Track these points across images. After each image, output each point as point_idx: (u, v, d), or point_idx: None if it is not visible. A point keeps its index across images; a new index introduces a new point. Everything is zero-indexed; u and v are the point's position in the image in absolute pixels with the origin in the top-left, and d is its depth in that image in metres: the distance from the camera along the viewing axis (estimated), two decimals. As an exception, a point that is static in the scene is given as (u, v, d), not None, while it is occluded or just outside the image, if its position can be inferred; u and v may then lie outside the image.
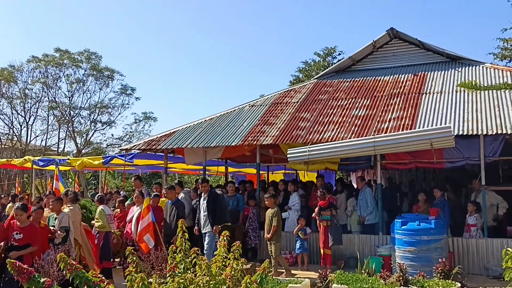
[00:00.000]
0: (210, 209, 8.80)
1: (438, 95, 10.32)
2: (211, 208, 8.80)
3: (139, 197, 8.77)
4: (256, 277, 3.74)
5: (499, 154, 8.76)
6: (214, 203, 8.86)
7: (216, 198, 8.98)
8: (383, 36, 12.44)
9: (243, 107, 12.31)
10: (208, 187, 9.13)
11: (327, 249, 9.07)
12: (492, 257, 8.46)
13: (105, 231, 8.56)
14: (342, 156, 9.39)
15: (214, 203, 8.85)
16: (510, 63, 19.71)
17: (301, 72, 29.94)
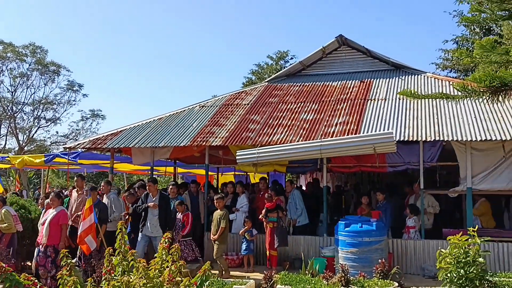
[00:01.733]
0: (162, 213, 8.55)
1: (382, 101, 10.71)
2: (162, 211, 8.55)
3: (55, 200, 8.14)
4: (196, 279, 3.73)
5: (436, 160, 9.19)
6: (167, 207, 8.65)
7: (168, 201, 8.79)
8: (332, 42, 12.77)
9: (193, 107, 12.23)
10: (155, 188, 8.83)
11: (273, 251, 9.17)
12: (428, 258, 8.86)
13: (11, 232, 8.41)
14: (290, 158, 9.53)
15: (166, 207, 8.63)
16: (450, 73, 20.77)
17: (254, 74, 30.13)
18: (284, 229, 9.27)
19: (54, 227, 7.85)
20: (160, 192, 8.83)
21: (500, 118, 8.97)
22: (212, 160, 11.91)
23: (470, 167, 8.84)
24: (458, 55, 8.71)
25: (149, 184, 8.89)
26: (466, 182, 8.87)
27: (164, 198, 8.71)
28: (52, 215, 7.98)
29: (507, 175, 8.65)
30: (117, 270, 3.73)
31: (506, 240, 8.60)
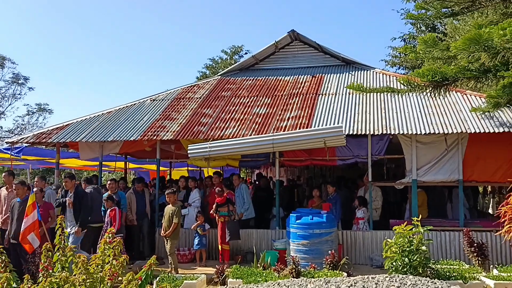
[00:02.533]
0: (76, 209, 8.24)
1: (333, 96, 10.89)
2: (77, 207, 8.24)
3: None
4: (141, 274, 3.64)
5: (384, 153, 9.47)
6: (80, 202, 8.31)
7: (83, 197, 8.42)
8: (285, 37, 12.85)
9: (144, 101, 11.96)
10: (71, 184, 8.41)
11: (225, 245, 9.15)
12: (376, 248, 9.12)
13: None
14: (242, 152, 9.52)
15: (80, 202, 8.29)
16: (399, 70, 21.46)
17: (208, 69, 29.92)
18: (235, 223, 9.25)
19: None
20: (75, 188, 8.48)
21: (442, 112, 9.35)
22: (164, 155, 11.70)
23: (415, 160, 9.17)
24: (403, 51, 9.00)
25: (65, 180, 8.53)
26: (411, 174, 9.19)
27: (78, 194, 8.35)
28: None
29: (449, 167, 9.04)
30: (56, 266, 3.58)
31: (448, 229, 9.00)
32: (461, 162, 9.00)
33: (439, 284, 4.21)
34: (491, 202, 15.59)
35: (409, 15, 7.64)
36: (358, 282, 4.30)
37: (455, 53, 5.73)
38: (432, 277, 6.46)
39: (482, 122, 8.72)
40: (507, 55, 5.55)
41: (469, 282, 6.65)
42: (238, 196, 10.08)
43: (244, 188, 10.27)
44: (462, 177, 8.99)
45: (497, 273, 7.21)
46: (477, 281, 6.75)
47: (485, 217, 10.81)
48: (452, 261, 8.16)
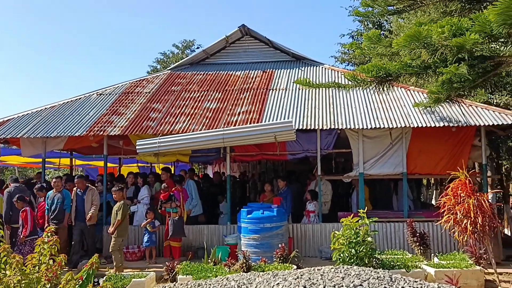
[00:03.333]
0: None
1: (283, 91, 10.99)
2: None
3: None
4: (82, 274, 3.52)
5: (332, 147, 9.68)
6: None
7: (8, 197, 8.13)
8: (235, 32, 12.82)
9: (90, 95, 11.57)
10: None
11: (174, 242, 9.02)
12: (325, 241, 9.32)
13: None
14: (192, 148, 9.43)
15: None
16: (348, 66, 21.96)
17: (159, 63, 29.37)
18: (179, 220, 9.11)
19: None
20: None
21: (387, 107, 9.66)
22: (112, 150, 11.40)
23: (362, 154, 9.43)
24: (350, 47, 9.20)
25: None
26: (358, 168, 9.45)
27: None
28: None
29: (393, 160, 9.37)
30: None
31: (392, 221, 9.33)
32: (405, 155, 9.35)
33: (381, 273, 4.35)
34: (434, 194, 16.35)
35: (356, 12, 7.81)
36: (304, 274, 4.36)
37: (397, 50, 5.92)
38: (377, 267, 6.67)
39: (424, 117, 9.09)
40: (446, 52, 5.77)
41: (412, 271, 6.91)
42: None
43: (192, 184, 10.18)
44: (406, 170, 9.34)
45: (437, 261, 7.56)
46: (419, 269, 7.04)
47: (428, 208, 11.30)
48: (396, 251, 8.46)
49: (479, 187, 10.23)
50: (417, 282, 4.25)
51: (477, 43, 5.68)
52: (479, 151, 9.32)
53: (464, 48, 5.64)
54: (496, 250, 8.42)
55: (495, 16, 5.04)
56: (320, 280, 4.14)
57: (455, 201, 7.00)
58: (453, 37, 5.62)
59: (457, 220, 6.87)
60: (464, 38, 5.46)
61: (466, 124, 8.77)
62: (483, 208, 6.79)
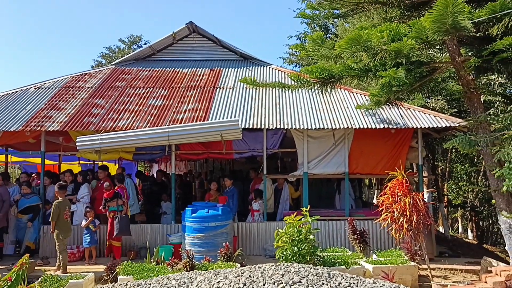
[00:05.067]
0: None
1: (230, 90, 10.99)
2: None
3: None
4: (11, 275, 3.34)
5: (278, 147, 9.79)
6: None
7: None
8: (183, 29, 12.67)
9: (27, 88, 11.03)
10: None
11: (115, 241, 8.79)
12: (269, 239, 9.40)
13: None
14: (136, 145, 9.21)
15: None
16: (296, 67, 22.32)
17: (104, 58, 28.52)
18: (125, 218, 8.91)
19: None
20: None
21: (331, 108, 9.90)
22: (51, 147, 10.90)
23: (307, 153, 9.61)
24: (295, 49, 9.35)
25: None
26: (303, 167, 9.62)
27: None
28: None
29: (336, 160, 9.62)
30: None
31: (334, 219, 9.58)
32: (347, 156, 9.62)
33: (320, 270, 4.45)
34: (375, 193, 16.95)
35: (302, 14, 7.98)
36: (245, 272, 4.38)
37: (339, 52, 6.11)
38: (318, 264, 6.84)
39: (366, 118, 9.39)
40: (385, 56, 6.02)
41: (351, 267, 7.12)
42: None
43: (129, 183, 9.97)
44: (348, 170, 9.61)
45: (375, 258, 7.83)
46: (358, 266, 7.27)
47: (369, 207, 11.70)
48: (337, 248, 8.69)
49: (416, 187, 10.73)
50: (354, 278, 4.38)
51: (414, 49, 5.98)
52: (416, 152, 9.75)
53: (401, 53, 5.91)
54: (430, 247, 8.87)
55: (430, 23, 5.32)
56: (260, 277, 4.17)
57: (392, 200, 7.29)
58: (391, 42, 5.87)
59: (394, 218, 7.17)
60: (401, 44, 5.72)
61: (405, 126, 9.15)
62: (418, 206, 7.12)
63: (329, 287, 3.91)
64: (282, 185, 10.36)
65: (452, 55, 7.22)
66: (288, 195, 10.34)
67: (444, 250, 10.01)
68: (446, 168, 17.14)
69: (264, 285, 3.93)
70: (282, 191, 10.32)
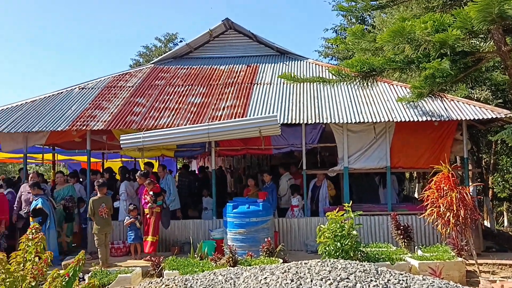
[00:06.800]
0: None
1: (268, 86, 11.00)
2: None
3: None
4: (68, 270, 3.49)
5: (317, 141, 9.73)
6: None
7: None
8: (219, 26, 12.75)
9: (72, 89, 11.40)
10: None
11: (155, 236, 8.93)
12: (310, 234, 9.39)
13: None
14: (177, 142, 9.38)
15: None
16: (332, 60, 22.06)
17: (142, 56, 29.04)
18: (168, 211, 9.14)
19: None
20: None
21: (371, 102, 9.74)
22: (95, 145, 11.26)
23: (347, 148, 9.50)
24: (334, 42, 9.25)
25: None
26: (343, 162, 9.53)
27: None
28: None
29: (377, 154, 9.47)
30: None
31: (377, 214, 9.45)
32: (388, 149, 9.45)
33: (367, 266, 4.40)
34: (416, 187, 16.58)
35: (339, 7, 7.88)
36: (292, 268, 4.39)
37: (381, 45, 5.99)
38: (362, 260, 6.76)
39: (407, 111, 9.19)
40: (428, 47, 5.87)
41: (396, 263, 7.01)
42: (163, 187, 9.93)
43: (170, 179, 10.16)
44: (389, 164, 9.45)
45: (421, 254, 7.68)
46: (403, 262, 7.14)
47: (411, 201, 11.46)
48: (380, 244, 8.55)
49: (461, 181, 10.43)
50: (403, 275, 4.32)
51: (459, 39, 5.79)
52: (460, 145, 9.48)
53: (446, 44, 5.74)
54: (477, 242, 8.61)
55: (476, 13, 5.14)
56: (307, 273, 4.17)
57: (438, 194, 7.12)
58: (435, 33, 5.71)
59: (440, 213, 6.99)
60: (446, 34, 5.56)
61: (448, 119, 8.90)
62: (465, 201, 6.92)
63: (377, 284, 3.87)
64: (321, 181, 10.28)
65: (498, 44, 6.96)
66: (326, 192, 10.27)
67: (491, 245, 9.71)
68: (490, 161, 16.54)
69: (312, 281, 3.93)
70: (320, 188, 10.25)
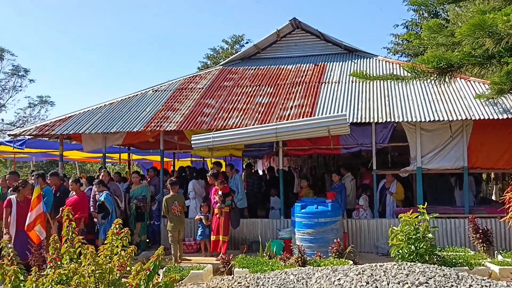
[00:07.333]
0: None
1: (336, 84, 10.84)
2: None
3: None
4: (149, 265, 3.65)
5: (388, 141, 9.44)
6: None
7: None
8: (286, 25, 12.76)
9: (146, 91, 11.92)
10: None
11: (226, 236, 9.07)
12: (381, 236, 9.14)
13: None
14: (245, 142, 9.50)
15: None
16: (401, 57, 21.32)
17: (209, 59, 29.76)
18: (238, 211, 9.27)
19: None
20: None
21: (447, 99, 9.29)
22: (167, 145, 11.70)
23: (420, 147, 9.14)
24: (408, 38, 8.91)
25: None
26: (416, 162, 9.17)
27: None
28: None
29: (453, 154, 9.01)
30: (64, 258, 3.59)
31: (453, 216, 8.99)
32: (465, 149, 8.97)
33: (447, 271, 4.21)
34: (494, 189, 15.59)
35: (413, 1, 7.57)
36: (366, 270, 4.30)
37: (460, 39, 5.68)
38: (439, 264, 6.46)
39: (486, 108, 8.67)
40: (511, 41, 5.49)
41: (475, 268, 6.65)
42: (232, 186, 10.08)
43: (238, 179, 10.27)
44: (467, 164, 8.97)
45: (501, 259, 7.23)
46: (482, 267, 6.76)
47: (489, 204, 10.80)
48: (457, 248, 8.16)
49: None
50: (486, 280, 4.08)
51: (548, 30, 5.37)
52: (545, 144, 8.79)
53: (532, 36, 5.35)
54: None
55: None
56: (383, 276, 4.06)
57: (521, 197, 6.65)
58: (521, 25, 5.33)
59: (524, 216, 6.53)
60: (533, 25, 5.17)
61: (533, 116, 8.27)
62: (554, 204, 6.41)
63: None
64: (390, 183, 9.96)
65: None
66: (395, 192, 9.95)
67: None
68: None
69: (388, 284, 3.82)
70: (388, 190, 9.93)
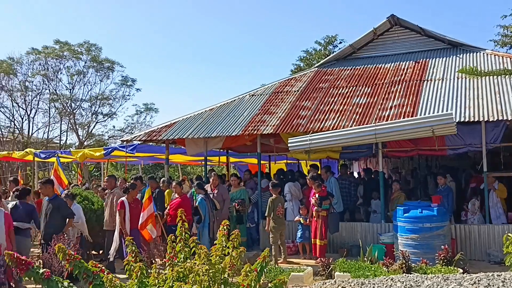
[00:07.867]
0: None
1: (439, 82, 10.25)
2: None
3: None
4: (256, 266, 3.74)
5: (500, 141, 8.71)
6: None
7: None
8: (384, 23, 12.35)
9: (243, 96, 12.26)
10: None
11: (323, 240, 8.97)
12: (493, 243, 8.46)
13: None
14: (343, 144, 9.35)
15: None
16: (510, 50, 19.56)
17: (302, 61, 29.75)
18: (337, 216, 9.13)
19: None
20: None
21: None
22: (263, 148, 11.91)
23: (538, 147, 8.31)
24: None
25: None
26: (532, 163, 8.36)
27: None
28: None
29: None
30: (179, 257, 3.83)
31: None
32: None
33: None
34: None
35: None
36: (483, 280, 4.00)
37: None
38: None
39: None
40: None
41: None
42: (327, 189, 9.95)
43: (334, 182, 10.09)
44: None
45: None
46: None
47: None
48: None
49: None
50: None
51: None
52: None
53: None
54: None
55: None
56: (502, 287, 3.75)
57: None
58: None
59: None
60: None
61: None
62: None
63: None
64: (491, 184, 9.17)
65: None
66: (497, 196, 9.13)
67: None
68: None
69: (510, 297, 3.52)
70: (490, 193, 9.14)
